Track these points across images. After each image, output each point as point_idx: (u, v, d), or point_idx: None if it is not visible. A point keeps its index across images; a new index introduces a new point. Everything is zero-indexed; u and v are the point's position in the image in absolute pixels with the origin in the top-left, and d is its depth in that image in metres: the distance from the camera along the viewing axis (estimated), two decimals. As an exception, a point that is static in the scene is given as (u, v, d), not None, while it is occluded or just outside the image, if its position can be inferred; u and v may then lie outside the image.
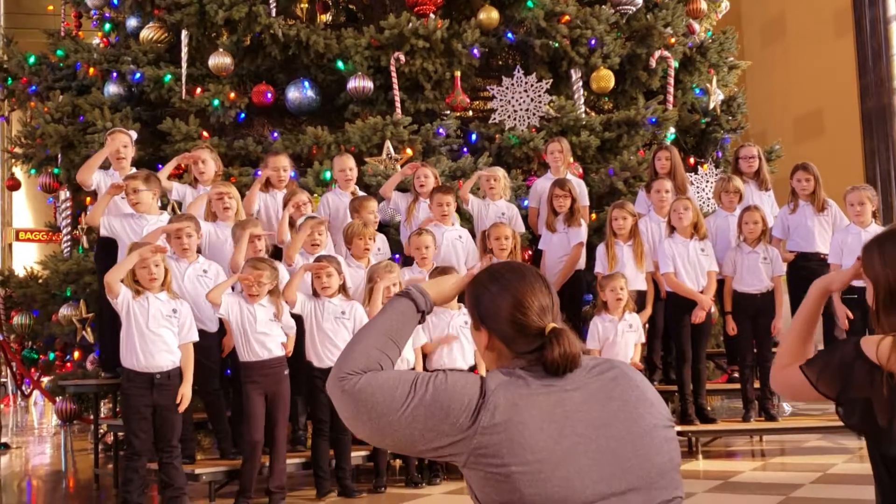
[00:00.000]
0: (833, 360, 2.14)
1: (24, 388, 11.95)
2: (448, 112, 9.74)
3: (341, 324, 6.15)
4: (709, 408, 7.54)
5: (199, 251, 6.38)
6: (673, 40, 10.32)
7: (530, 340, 1.99)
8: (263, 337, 5.83)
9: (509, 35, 9.91)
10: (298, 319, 6.20)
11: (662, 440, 1.94)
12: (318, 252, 6.66)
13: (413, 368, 6.38)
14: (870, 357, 2.06)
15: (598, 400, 1.93)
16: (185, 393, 5.53)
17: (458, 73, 9.54)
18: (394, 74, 9.35)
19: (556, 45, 9.71)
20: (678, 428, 6.77)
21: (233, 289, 5.98)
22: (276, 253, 6.90)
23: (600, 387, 1.96)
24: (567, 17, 9.72)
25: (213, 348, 6.34)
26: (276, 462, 5.87)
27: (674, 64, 10.23)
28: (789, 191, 7.95)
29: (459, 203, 7.85)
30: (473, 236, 7.67)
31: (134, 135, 7.27)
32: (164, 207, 7.23)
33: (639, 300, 7.32)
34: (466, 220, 8.06)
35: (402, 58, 9.30)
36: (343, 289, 6.28)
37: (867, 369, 2.06)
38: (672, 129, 9.99)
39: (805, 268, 7.77)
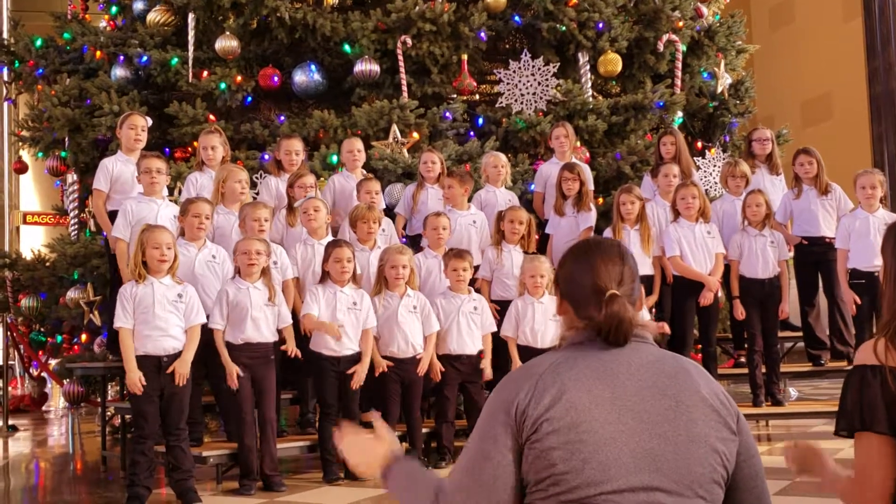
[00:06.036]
0: (855, 400, 2.05)
1: (31, 370, 11.99)
2: (455, 96, 9.72)
3: (353, 314, 6.15)
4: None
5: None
6: (681, 24, 10.28)
7: (592, 305, 2.01)
8: (257, 320, 5.81)
9: (516, 18, 9.87)
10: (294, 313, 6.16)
11: (709, 452, 1.90)
12: (318, 232, 6.65)
13: (420, 356, 6.40)
14: (869, 363, 2.03)
15: (652, 394, 1.92)
16: (181, 371, 5.43)
17: (464, 57, 9.50)
18: (400, 58, 9.33)
19: (564, 28, 9.68)
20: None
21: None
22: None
23: (656, 381, 1.94)
24: (574, 1, 9.69)
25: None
26: (267, 446, 5.83)
27: (682, 48, 10.19)
28: (793, 176, 7.94)
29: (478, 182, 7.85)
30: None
31: (149, 121, 7.21)
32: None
33: (645, 285, 7.31)
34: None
35: (409, 41, 9.28)
36: (355, 278, 6.28)
37: (875, 376, 2.02)
38: (680, 113, 9.97)
39: (811, 252, 7.76)
